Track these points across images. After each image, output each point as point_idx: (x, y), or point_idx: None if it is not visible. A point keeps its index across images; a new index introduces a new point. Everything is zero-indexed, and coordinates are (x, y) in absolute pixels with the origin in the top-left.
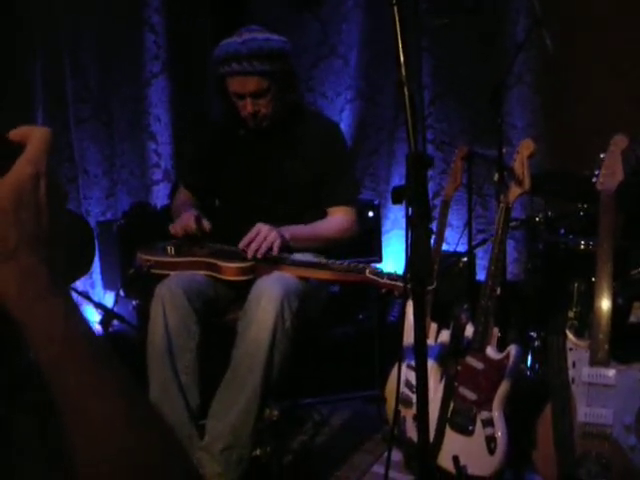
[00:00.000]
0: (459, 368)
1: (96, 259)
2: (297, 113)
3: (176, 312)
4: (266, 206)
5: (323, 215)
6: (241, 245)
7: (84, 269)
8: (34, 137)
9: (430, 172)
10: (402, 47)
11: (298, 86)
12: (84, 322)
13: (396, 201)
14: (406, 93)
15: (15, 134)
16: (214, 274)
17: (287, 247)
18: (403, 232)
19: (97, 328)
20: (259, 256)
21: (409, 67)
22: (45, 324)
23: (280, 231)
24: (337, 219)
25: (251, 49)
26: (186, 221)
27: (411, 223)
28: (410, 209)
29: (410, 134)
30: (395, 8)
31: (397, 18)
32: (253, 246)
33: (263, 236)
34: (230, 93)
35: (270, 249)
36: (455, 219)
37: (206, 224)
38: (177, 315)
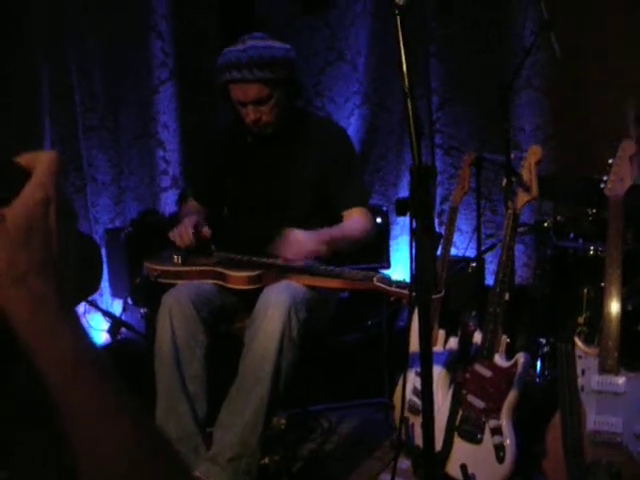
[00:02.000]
0: (467, 376)
1: (104, 268)
2: (303, 119)
3: (183, 321)
4: (273, 213)
5: (329, 221)
6: (281, 260)
7: (91, 290)
8: (41, 161)
9: (439, 177)
10: (405, 57)
11: (303, 93)
12: (93, 347)
13: (400, 213)
14: (409, 105)
15: (22, 159)
16: (221, 283)
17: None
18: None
19: (105, 336)
20: (298, 264)
21: (412, 77)
22: (55, 350)
23: (316, 236)
24: (358, 220)
25: (252, 57)
26: (182, 229)
27: (415, 236)
28: (414, 222)
29: (414, 146)
30: (398, 18)
31: (400, 28)
32: (287, 252)
33: (299, 242)
34: (233, 101)
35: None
36: (464, 224)
37: (205, 230)
38: (184, 324)
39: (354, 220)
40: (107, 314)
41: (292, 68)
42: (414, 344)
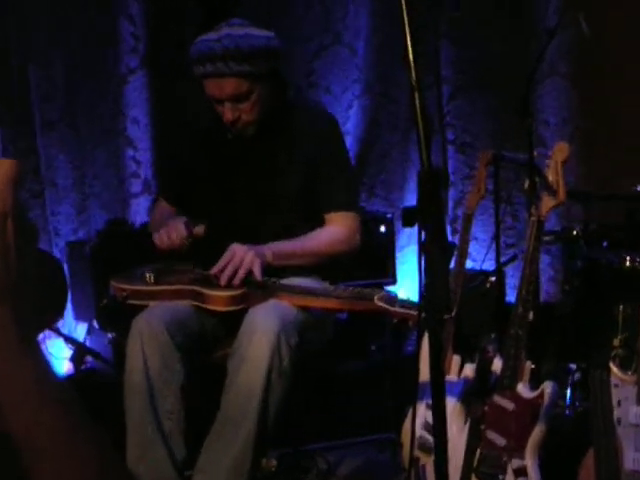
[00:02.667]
0: (486, 409)
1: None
2: (289, 112)
3: (157, 349)
4: (256, 220)
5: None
6: (214, 270)
7: (55, 316)
8: None
9: (451, 178)
10: (411, 43)
11: (289, 86)
12: (57, 382)
13: (407, 224)
14: (417, 99)
15: None
16: (200, 304)
17: (277, 270)
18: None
19: (67, 365)
20: (235, 283)
21: (420, 64)
22: (15, 389)
23: (259, 250)
24: (330, 229)
25: (226, 48)
26: (172, 227)
27: (424, 249)
28: (423, 233)
29: (422, 146)
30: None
31: (405, 8)
32: (228, 271)
33: (239, 258)
34: (208, 97)
35: (250, 273)
36: (480, 231)
37: (198, 229)
38: (158, 353)
39: (325, 229)
40: (69, 340)
41: (275, 59)
42: (424, 372)
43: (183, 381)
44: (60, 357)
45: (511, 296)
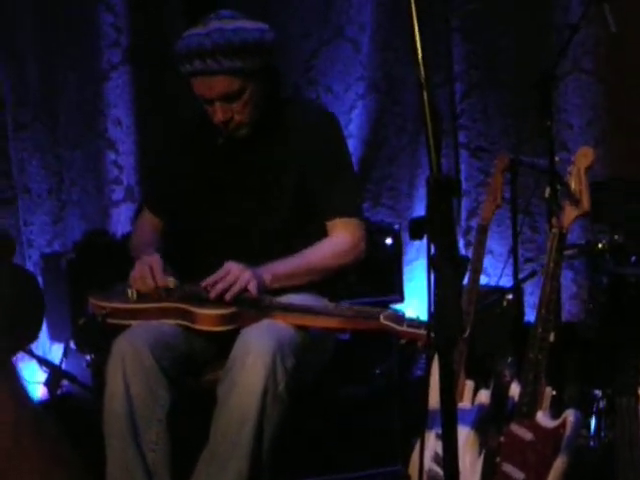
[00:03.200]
0: (502, 439)
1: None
2: (284, 111)
3: (140, 373)
4: (248, 225)
5: (319, 235)
6: (205, 283)
7: (30, 337)
8: None
9: (464, 185)
10: (420, 38)
11: (284, 84)
12: (34, 410)
13: (415, 236)
14: (425, 99)
15: None
16: (187, 324)
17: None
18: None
19: (42, 390)
20: (227, 298)
21: (431, 60)
22: None
23: (257, 272)
24: (333, 240)
25: (217, 43)
26: (146, 269)
27: (434, 265)
28: (432, 247)
29: (432, 151)
30: None
31: (413, 3)
32: (220, 285)
33: (234, 276)
34: (197, 97)
35: (245, 290)
36: (497, 244)
37: (171, 281)
38: (141, 377)
39: (327, 241)
40: (44, 362)
41: (270, 54)
42: (434, 399)
43: (169, 409)
44: (34, 381)
45: (530, 315)
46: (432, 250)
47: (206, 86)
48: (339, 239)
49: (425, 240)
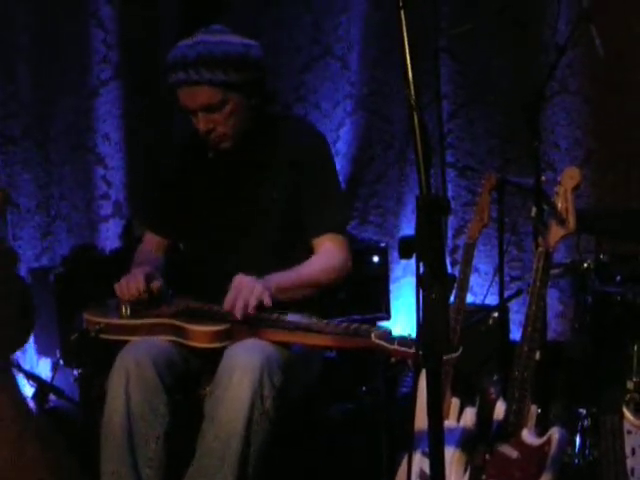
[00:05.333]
0: (488, 457)
1: None
2: (273, 126)
3: (142, 389)
4: (240, 246)
5: (307, 251)
6: (227, 306)
7: (20, 341)
8: None
9: (451, 204)
10: (411, 60)
11: (273, 98)
12: (37, 419)
13: (404, 255)
14: (416, 121)
15: None
16: (181, 340)
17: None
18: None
19: (30, 404)
20: (251, 312)
21: (419, 80)
22: None
23: (264, 283)
24: (325, 255)
25: (200, 54)
26: (133, 277)
27: (423, 284)
28: (421, 266)
29: (421, 172)
30: (402, 13)
31: (404, 25)
32: (240, 304)
33: (249, 290)
34: (182, 108)
35: (261, 304)
36: (483, 263)
37: (155, 284)
38: (143, 393)
39: (320, 255)
40: (32, 377)
41: (254, 69)
42: (421, 417)
43: (167, 426)
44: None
45: (515, 334)
46: (421, 269)
47: (189, 96)
48: (329, 255)
49: (414, 259)
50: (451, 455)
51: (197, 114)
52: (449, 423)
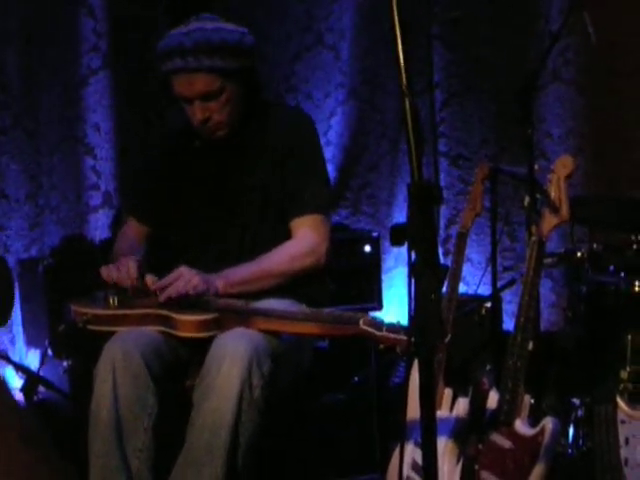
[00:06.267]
0: (481, 447)
1: (17, 308)
2: (263, 114)
3: (130, 379)
4: (230, 235)
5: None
6: (154, 287)
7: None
8: None
9: (444, 194)
10: (403, 47)
11: (263, 87)
12: (20, 410)
13: (396, 242)
14: (408, 108)
15: None
16: (169, 330)
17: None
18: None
19: (18, 396)
20: (166, 297)
21: (411, 68)
22: None
23: (209, 278)
24: (291, 244)
25: (197, 41)
26: (125, 264)
27: (415, 272)
28: (413, 254)
29: (413, 158)
30: None
31: (396, 11)
32: (169, 290)
33: (184, 281)
34: (177, 97)
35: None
36: (475, 252)
37: (149, 279)
38: (131, 383)
39: (288, 244)
40: (20, 368)
41: (248, 56)
42: (413, 406)
43: (156, 417)
44: (9, 387)
45: (509, 324)
46: (413, 257)
47: (186, 84)
48: (299, 241)
49: (405, 248)
50: (444, 445)
51: (193, 102)
52: (442, 413)
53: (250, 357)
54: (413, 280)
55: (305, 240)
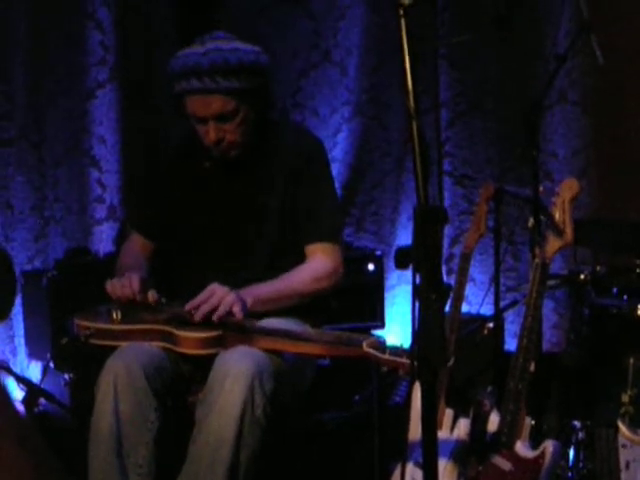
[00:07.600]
0: (481, 469)
1: (20, 320)
2: (273, 135)
3: (131, 394)
4: (234, 255)
5: (303, 259)
6: (188, 306)
7: (1, 316)
8: None
9: (448, 212)
10: (410, 68)
11: (275, 106)
12: (17, 418)
13: (400, 265)
14: (415, 131)
15: None
16: (171, 346)
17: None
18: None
19: (19, 408)
20: (215, 320)
21: (417, 88)
22: None
23: (240, 294)
24: (312, 265)
25: (214, 62)
26: (128, 280)
27: (419, 294)
28: (418, 276)
29: (419, 181)
30: (403, 20)
31: (404, 33)
32: (204, 308)
33: (218, 298)
34: (189, 116)
35: (230, 314)
36: (479, 272)
37: (152, 295)
38: (132, 398)
39: (306, 266)
40: (22, 380)
41: (263, 76)
42: (414, 427)
43: (157, 432)
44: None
45: (511, 345)
46: (417, 279)
47: (201, 105)
48: (319, 264)
49: (409, 269)
50: (444, 466)
51: (207, 123)
52: (442, 434)
53: (253, 376)
54: (417, 303)
55: (324, 264)
